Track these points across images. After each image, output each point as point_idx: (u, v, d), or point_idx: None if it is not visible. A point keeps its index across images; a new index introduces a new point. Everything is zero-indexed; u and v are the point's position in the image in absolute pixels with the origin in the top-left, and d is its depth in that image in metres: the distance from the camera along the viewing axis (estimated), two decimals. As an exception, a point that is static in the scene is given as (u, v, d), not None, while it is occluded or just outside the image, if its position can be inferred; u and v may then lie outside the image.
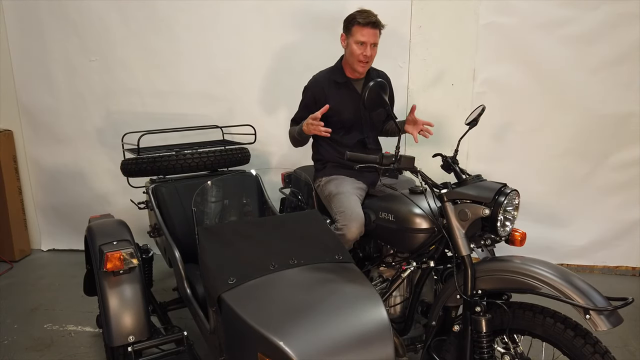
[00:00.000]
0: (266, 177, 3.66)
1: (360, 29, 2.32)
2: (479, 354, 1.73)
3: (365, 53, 2.33)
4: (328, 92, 2.44)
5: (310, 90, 2.49)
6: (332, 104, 2.39)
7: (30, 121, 3.93)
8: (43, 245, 4.19)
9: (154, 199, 2.67)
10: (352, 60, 2.38)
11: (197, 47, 3.65)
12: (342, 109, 2.43)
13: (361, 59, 2.35)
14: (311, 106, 2.46)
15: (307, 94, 2.51)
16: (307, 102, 2.50)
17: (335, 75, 2.47)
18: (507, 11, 3.29)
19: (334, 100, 2.42)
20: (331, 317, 1.44)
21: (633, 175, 3.44)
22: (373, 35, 2.33)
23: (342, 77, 2.46)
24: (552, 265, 1.66)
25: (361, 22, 2.31)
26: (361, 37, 2.32)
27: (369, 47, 2.33)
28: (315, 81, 2.50)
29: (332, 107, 2.40)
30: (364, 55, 2.34)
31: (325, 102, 2.40)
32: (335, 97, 2.43)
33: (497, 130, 3.52)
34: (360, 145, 2.50)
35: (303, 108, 2.53)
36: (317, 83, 2.48)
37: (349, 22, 2.38)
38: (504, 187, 1.79)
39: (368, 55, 2.34)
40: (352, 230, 2.18)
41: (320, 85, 2.46)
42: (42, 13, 3.68)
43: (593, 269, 3.67)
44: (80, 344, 2.72)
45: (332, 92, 2.44)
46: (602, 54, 3.27)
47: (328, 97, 2.43)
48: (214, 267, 1.68)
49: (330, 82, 2.46)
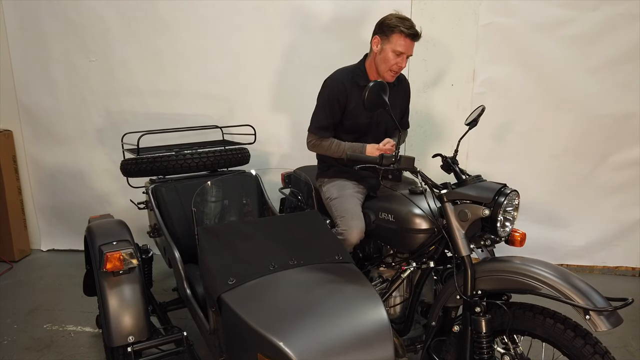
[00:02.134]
0: (266, 177, 3.66)
1: (401, 38, 2.19)
2: (478, 355, 1.73)
3: (400, 65, 2.24)
4: (350, 92, 2.31)
5: (330, 88, 2.32)
6: (352, 106, 2.31)
7: (30, 121, 3.93)
8: (43, 245, 4.19)
9: (153, 199, 2.66)
10: (384, 67, 2.26)
11: (197, 47, 3.65)
12: (359, 113, 2.33)
13: (395, 69, 2.25)
14: (334, 105, 2.31)
15: (326, 92, 2.33)
16: (329, 100, 2.32)
17: (357, 77, 2.33)
18: (507, 11, 3.29)
19: (354, 103, 2.31)
20: (331, 318, 1.44)
21: (633, 176, 3.44)
22: (412, 47, 2.23)
23: (365, 80, 2.30)
24: (552, 266, 1.66)
25: (404, 31, 2.17)
26: (400, 47, 2.19)
27: (405, 58, 2.24)
28: (336, 79, 2.34)
29: (352, 108, 2.32)
30: (398, 66, 2.24)
31: (346, 101, 2.31)
32: (356, 99, 2.31)
33: (497, 130, 3.52)
34: None
35: (328, 112, 2.33)
36: (339, 81, 2.32)
37: (388, 28, 2.21)
38: (504, 187, 1.79)
39: (403, 67, 2.26)
40: (353, 235, 2.18)
41: (342, 83, 2.31)
42: (42, 13, 3.68)
43: (593, 269, 3.67)
44: (80, 344, 2.72)
45: (354, 94, 2.31)
46: (602, 54, 3.27)
47: (349, 98, 2.31)
48: (214, 267, 1.68)
49: (352, 83, 2.32)
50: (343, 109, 2.33)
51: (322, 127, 2.36)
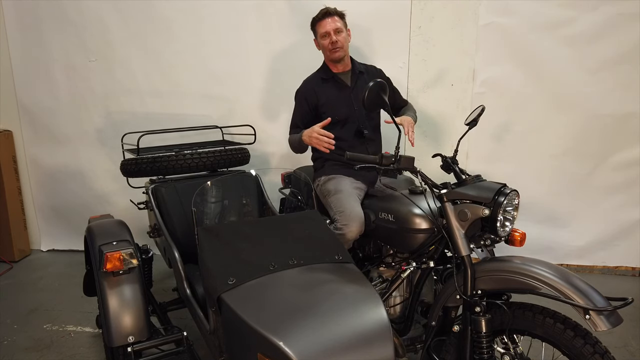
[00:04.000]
0: (266, 177, 3.66)
1: (319, 23, 2.47)
2: (478, 354, 1.73)
3: (331, 40, 2.43)
4: (318, 90, 2.51)
5: (300, 93, 2.57)
6: (323, 101, 2.49)
7: (30, 121, 3.93)
8: (43, 245, 4.19)
9: (153, 199, 2.66)
10: (327, 53, 2.48)
11: (196, 47, 3.65)
12: (334, 103, 2.49)
13: (331, 47, 2.44)
14: (304, 108, 2.54)
15: (298, 97, 2.58)
16: (300, 104, 2.56)
17: (321, 73, 2.57)
18: (507, 11, 3.29)
19: (325, 97, 2.50)
20: (331, 318, 1.44)
21: (633, 176, 3.44)
22: (333, 22, 2.43)
23: (328, 73, 2.54)
24: (552, 266, 1.66)
25: (318, 17, 2.47)
26: (322, 29, 2.45)
27: (332, 34, 2.43)
28: (304, 84, 2.58)
29: (324, 103, 2.48)
30: (331, 43, 2.43)
31: (317, 100, 2.49)
32: (326, 93, 2.51)
33: (497, 130, 3.52)
34: (357, 136, 2.52)
35: (297, 112, 2.59)
36: (307, 84, 2.57)
37: (312, 26, 2.53)
38: (504, 187, 1.79)
39: (334, 40, 2.43)
40: (352, 230, 2.18)
41: (310, 85, 2.54)
42: (42, 13, 3.68)
43: (593, 269, 3.67)
44: (80, 344, 2.72)
45: (322, 89, 2.51)
46: (602, 54, 3.27)
47: (319, 95, 2.50)
48: (214, 267, 1.68)
49: (318, 80, 2.54)
50: (314, 106, 2.52)
51: (293, 126, 2.61)
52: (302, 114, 2.55)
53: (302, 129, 2.47)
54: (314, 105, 2.51)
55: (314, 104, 2.51)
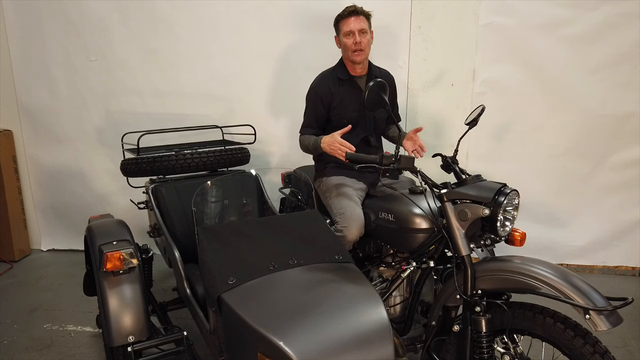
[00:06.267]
0: (266, 177, 3.66)
1: (344, 21, 2.38)
2: (478, 354, 1.73)
3: (355, 40, 2.34)
4: (333, 90, 2.42)
5: (315, 90, 2.46)
6: (337, 102, 2.41)
7: (30, 121, 3.93)
8: (43, 245, 4.19)
9: (153, 199, 2.67)
10: (348, 53, 2.39)
11: (196, 47, 3.65)
12: (346, 106, 2.43)
13: (353, 47, 2.35)
14: (318, 103, 2.44)
15: (312, 94, 2.47)
16: (314, 103, 2.45)
17: (339, 73, 2.46)
18: (507, 11, 3.29)
19: (339, 98, 2.42)
20: (331, 317, 1.44)
21: (633, 175, 3.44)
22: (358, 22, 2.35)
23: (345, 74, 2.46)
24: (552, 265, 1.66)
25: (344, 15, 2.38)
26: (347, 27, 2.36)
27: (357, 34, 2.34)
28: (320, 80, 2.49)
29: (337, 105, 2.41)
30: (355, 43, 2.34)
31: (331, 100, 2.41)
32: (340, 95, 2.43)
33: (497, 130, 3.52)
34: (364, 143, 2.48)
35: (312, 111, 2.48)
36: (323, 82, 2.46)
37: (335, 22, 2.44)
38: (504, 187, 1.79)
39: (358, 41, 2.34)
40: (352, 232, 2.18)
41: (326, 83, 2.44)
42: (42, 13, 3.68)
43: (593, 269, 3.67)
44: (80, 344, 2.72)
45: (337, 90, 2.43)
46: (602, 54, 3.27)
47: (334, 95, 2.42)
48: (214, 267, 1.68)
49: (335, 80, 2.45)
50: (328, 107, 2.43)
51: (307, 125, 2.50)
52: (317, 115, 2.45)
53: (316, 129, 2.44)
54: (328, 106, 2.44)
55: (328, 105, 2.43)
